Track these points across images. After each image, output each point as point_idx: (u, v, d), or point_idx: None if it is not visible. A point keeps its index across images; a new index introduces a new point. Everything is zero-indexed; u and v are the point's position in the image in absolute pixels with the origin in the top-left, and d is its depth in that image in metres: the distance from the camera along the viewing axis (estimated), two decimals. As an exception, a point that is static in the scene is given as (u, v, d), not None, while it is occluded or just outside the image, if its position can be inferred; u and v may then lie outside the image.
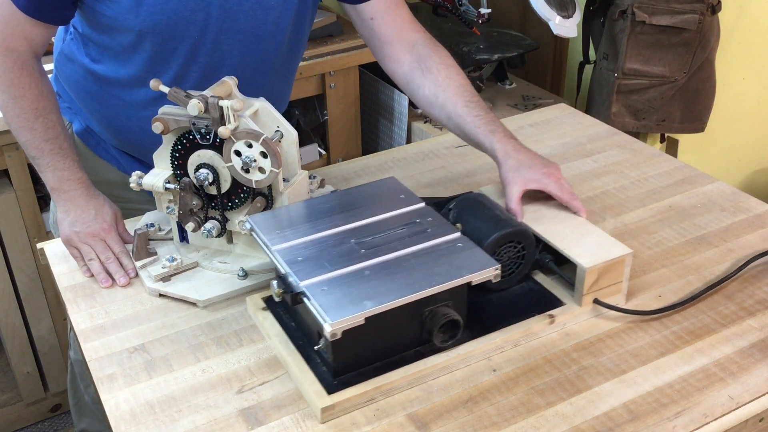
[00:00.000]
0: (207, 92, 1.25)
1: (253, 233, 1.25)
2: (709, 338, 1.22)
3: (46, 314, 2.16)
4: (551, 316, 1.22)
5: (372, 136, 2.62)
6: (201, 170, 1.28)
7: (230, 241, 1.37)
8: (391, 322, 1.10)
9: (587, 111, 2.39)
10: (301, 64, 2.19)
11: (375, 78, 2.49)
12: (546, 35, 2.50)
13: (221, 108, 1.23)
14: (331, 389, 1.09)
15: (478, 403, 1.11)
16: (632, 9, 2.18)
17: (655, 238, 1.45)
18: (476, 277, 1.12)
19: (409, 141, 2.42)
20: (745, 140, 2.86)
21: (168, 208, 1.36)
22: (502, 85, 2.60)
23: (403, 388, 1.12)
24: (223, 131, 1.22)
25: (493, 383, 1.14)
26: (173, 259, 1.35)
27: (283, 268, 1.15)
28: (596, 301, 1.24)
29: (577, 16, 2.29)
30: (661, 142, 2.60)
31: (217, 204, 1.32)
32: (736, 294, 1.31)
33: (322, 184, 1.52)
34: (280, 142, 1.29)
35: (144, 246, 1.37)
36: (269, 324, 1.22)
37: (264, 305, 1.26)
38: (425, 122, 2.38)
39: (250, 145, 1.24)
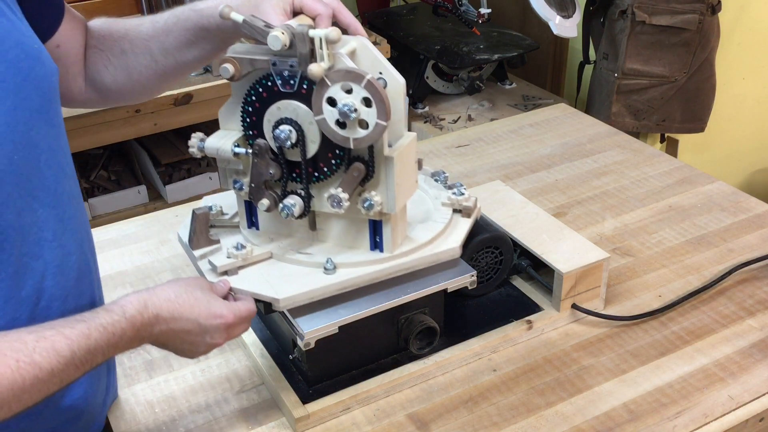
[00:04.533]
0: (291, 21, 0.99)
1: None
2: (709, 338, 1.22)
3: (46, 314, 2.16)
4: (529, 322, 1.22)
5: (372, 136, 2.61)
6: (282, 127, 1.01)
7: (313, 226, 1.11)
8: (367, 330, 1.09)
9: (587, 111, 2.39)
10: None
11: (375, 78, 2.49)
12: (546, 35, 2.50)
13: (312, 40, 0.96)
14: (306, 399, 1.09)
15: (478, 403, 1.11)
16: (632, 9, 2.18)
17: (655, 238, 1.45)
18: (452, 284, 1.11)
19: (409, 141, 2.42)
20: (745, 140, 2.86)
21: (235, 182, 1.09)
22: (502, 85, 2.60)
23: (380, 396, 1.12)
24: (315, 69, 0.93)
25: (493, 383, 1.14)
26: (241, 247, 1.07)
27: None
28: (574, 306, 1.24)
29: (577, 16, 2.29)
30: (661, 142, 2.60)
31: (300, 174, 1.05)
32: (736, 294, 1.31)
33: None
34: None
35: (204, 231, 1.10)
36: (245, 332, 1.19)
37: None
38: (425, 122, 2.38)
39: (349, 91, 0.96)
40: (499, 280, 1.28)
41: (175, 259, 1.43)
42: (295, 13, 1.02)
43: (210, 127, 2.63)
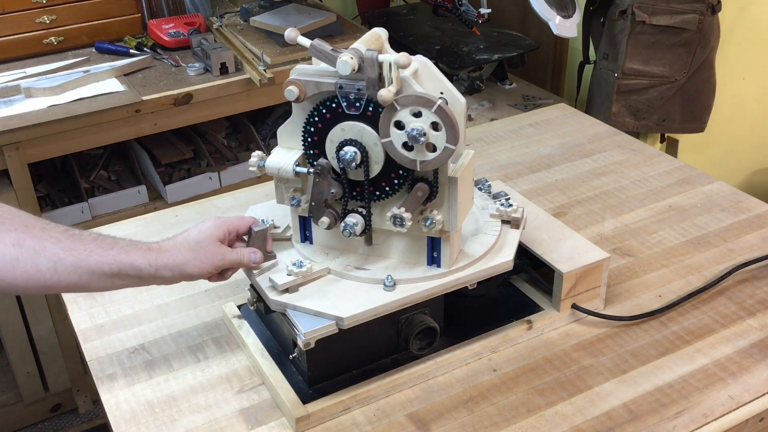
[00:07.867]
0: (357, 45, 1.00)
1: None
2: (709, 338, 1.22)
3: (46, 314, 2.16)
4: (529, 322, 1.22)
5: (372, 136, 2.61)
6: (346, 148, 1.02)
7: (369, 242, 1.12)
8: (367, 330, 1.09)
9: (587, 111, 2.38)
10: (302, 64, 2.19)
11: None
12: (546, 35, 2.50)
13: (380, 65, 0.98)
14: (306, 399, 1.09)
15: (478, 403, 1.11)
16: (632, 9, 2.18)
17: (655, 238, 1.45)
18: None
19: (409, 141, 2.41)
20: (745, 140, 2.86)
21: (293, 199, 1.10)
22: (502, 85, 2.60)
23: (380, 396, 1.12)
24: (385, 95, 0.95)
25: (493, 383, 1.14)
26: (301, 265, 1.08)
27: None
28: (574, 306, 1.24)
29: (577, 16, 2.29)
30: (661, 142, 2.60)
31: (361, 193, 1.06)
32: (736, 294, 1.31)
33: None
34: None
35: (263, 247, 1.11)
36: (244, 332, 1.20)
37: (239, 313, 1.24)
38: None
39: (417, 114, 0.97)
40: (499, 280, 1.28)
41: (175, 259, 1.43)
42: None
43: (210, 126, 2.62)
